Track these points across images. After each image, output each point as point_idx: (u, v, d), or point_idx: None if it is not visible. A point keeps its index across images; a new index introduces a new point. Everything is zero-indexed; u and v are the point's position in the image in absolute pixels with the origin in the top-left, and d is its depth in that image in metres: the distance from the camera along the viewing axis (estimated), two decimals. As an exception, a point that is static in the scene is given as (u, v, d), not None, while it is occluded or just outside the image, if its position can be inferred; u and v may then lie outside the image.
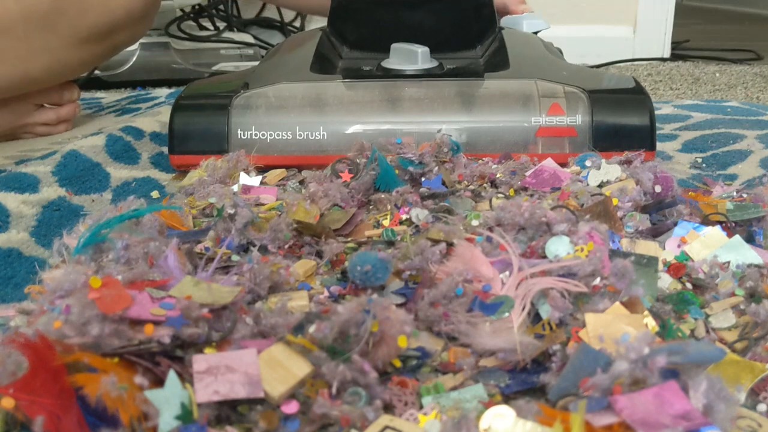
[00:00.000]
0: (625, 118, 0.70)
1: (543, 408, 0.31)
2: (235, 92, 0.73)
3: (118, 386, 0.30)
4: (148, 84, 1.42)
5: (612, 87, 0.75)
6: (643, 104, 0.70)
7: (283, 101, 0.73)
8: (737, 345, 0.39)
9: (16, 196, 0.59)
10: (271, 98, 0.73)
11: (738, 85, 1.39)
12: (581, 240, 0.43)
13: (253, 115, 0.71)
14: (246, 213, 0.50)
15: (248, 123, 0.71)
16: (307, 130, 0.71)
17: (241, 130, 0.71)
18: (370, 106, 0.73)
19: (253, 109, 0.72)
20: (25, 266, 0.51)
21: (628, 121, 0.69)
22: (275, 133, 0.71)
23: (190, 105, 0.73)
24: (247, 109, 0.72)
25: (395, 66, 0.80)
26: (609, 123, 0.69)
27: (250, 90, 0.73)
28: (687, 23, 2.20)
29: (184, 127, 0.71)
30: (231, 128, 0.71)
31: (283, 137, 0.71)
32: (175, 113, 0.72)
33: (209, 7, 1.69)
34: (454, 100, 0.73)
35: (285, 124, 0.71)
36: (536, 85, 0.72)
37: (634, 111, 0.70)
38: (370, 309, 0.36)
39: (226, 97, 0.72)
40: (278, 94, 0.73)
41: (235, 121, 0.71)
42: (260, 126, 0.71)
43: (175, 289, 0.38)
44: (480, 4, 0.87)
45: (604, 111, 0.70)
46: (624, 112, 0.70)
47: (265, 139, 0.71)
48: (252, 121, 0.71)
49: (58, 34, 0.78)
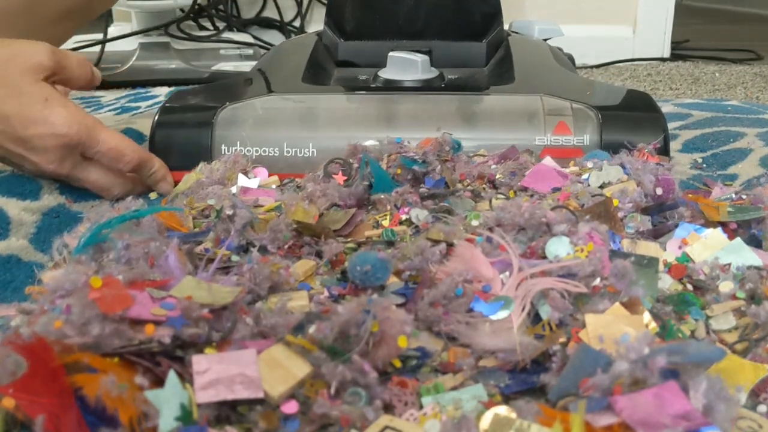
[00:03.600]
0: (637, 138, 0.64)
1: (543, 408, 0.32)
2: (221, 104, 0.69)
3: (118, 386, 0.30)
4: (147, 84, 1.42)
5: (623, 104, 0.71)
6: (657, 124, 0.66)
7: (270, 114, 0.69)
8: (737, 346, 0.40)
9: (17, 202, 0.59)
10: (258, 111, 0.69)
11: (738, 85, 1.39)
12: (581, 240, 0.43)
13: (239, 129, 0.68)
14: (245, 214, 0.50)
15: (233, 138, 0.67)
16: (296, 146, 0.67)
17: (225, 145, 0.67)
18: (365, 121, 0.69)
19: (239, 123, 0.68)
20: (24, 271, 0.51)
21: (640, 142, 0.64)
22: (261, 149, 0.67)
23: (172, 118, 0.69)
24: (233, 122, 0.68)
25: (393, 76, 0.76)
26: (619, 143, 0.63)
27: (237, 102, 0.70)
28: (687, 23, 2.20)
29: (165, 141, 0.68)
30: (214, 143, 0.67)
31: (269, 153, 0.67)
32: (157, 127, 0.68)
33: (209, 7, 1.69)
34: (454, 117, 0.69)
35: (272, 140, 0.67)
36: (542, 102, 0.68)
37: (646, 131, 0.65)
38: (370, 309, 0.36)
39: (211, 110, 0.69)
40: (266, 107, 0.70)
41: (219, 135, 0.67)
42: (245, 141, 0.67)
43: (176, 290, 0.38)
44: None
45: (614, 130, 0.65)
46: (636, 133, 0.65)
47: (251, 155, 0.67)
48: (237, 135, 0.67)
49: (40, 16, 0.78)
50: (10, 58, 0.58)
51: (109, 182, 0.62)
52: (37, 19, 0.78)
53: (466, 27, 0.87)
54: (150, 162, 0.64)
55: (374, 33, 0.86)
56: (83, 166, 0.61)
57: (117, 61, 1.41)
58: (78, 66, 0.63)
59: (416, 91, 0.74)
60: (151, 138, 0.68)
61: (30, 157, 0.58)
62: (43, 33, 0.75)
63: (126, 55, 1.42)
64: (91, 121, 0.59)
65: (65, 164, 0.59)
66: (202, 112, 0.69)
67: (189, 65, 1.45)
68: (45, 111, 0.57)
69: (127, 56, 1.42)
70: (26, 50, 0.59)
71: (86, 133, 0.58)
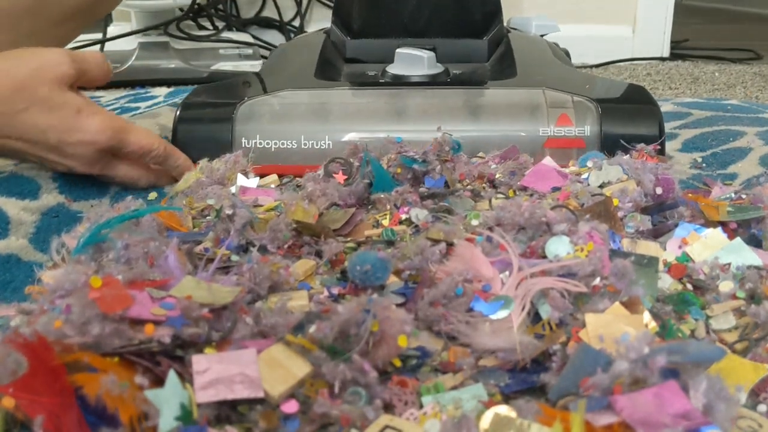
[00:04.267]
0: (634, 128, 0.68)
1: (543, 408, 0.32)
2: (240, 100, 0.72)
3: (118, 385, 0.30)
4: (147, 84, 1.42)
5: (621, 96, 0.75)
6: (653, 115, 0.69)
7: (287, 109, 0.72)
8: (737, 346, 0.40)
9: (17, 202, 0.59)
10: (275, 106, 0.72)
11: (737, 84, 1.39)
12: (581, 240, 0.43)
13: (258, 123, 0.71)
14: (245, 213, 0.50)
15: (252, 131, 0.70)
16: (312, 139, 0.70)
17: (246, 138, 0.70)
18: (375, 114, 0.72)
19: (257, 117, 0.71)
20: (23, 271, 0.51)
21: (637, 132, 0.68)
22: (280, 142, 0.70)
23: (194, 114, 0.73)
24: (252, 117, 0.71)
25: (400, 72, 0.79)
26: (618, 134, 0.68)
27: (255, 98, 0.73)
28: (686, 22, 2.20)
29: (188, 136, 0.70)
30: (235, 137, 0.70)
31: (287, 146, 0.70)
32: (179, 123, 0.71)
33: (208, 6, 1.69)
34: (461, 110, 0.72)
35: (290, 133, 0.70)
36: (544, 95, 0.72)
37: (643, 122, 0.69)
38: (370, 309, 0.36)
39: (231, 106, 0.72)
40: (283, 102, 0.73)
41: (239, 130, 0.70)
42: (264, 134, 0.70)
43: (176, 289, 0.38)
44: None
45: (613, 122, 0.69)
46: (633, 123, 0.69)
47: (270, 147, 0.70)
48: (256, 129, 0.70)
49: (44, 17, 0.78)
50: (34, 72, 0.59)
51: (137, 175, 0.66)
52: (41, 21, 0.78)
53: (467, 25, 0.89)
54: (175, 155, 0.67)
55: (380, 31, 0.89)
56: (113, 164, 0.64)
57: (116, 60, 1.41)
58: (97, 67, 0.65)
59: (424, 85, 0.77)
60: (173, 133, 0.71)
61: (65, 162, 0.62)
62: (47, 34, 0.76)
63: (125, 54, 1.42)
64: (120, 125, 0.62)
65: (97, 165, 0.63)
66: (222, 107, 0.72)
67: (188, 65, 1.45)
68: (79, 122, 0.59)
69: (126, 56, 1.42)
70: (48, 61, 0.60)
71: (118, 137, 0.61)
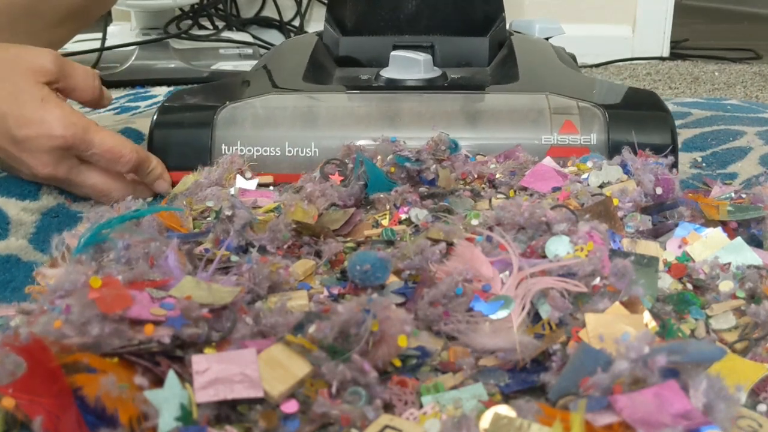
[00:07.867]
0: (645, 136, 0.63)
1: (543, 407, 0.32)
2: (222, 104, 0.68)
3: (117, 386, 0.30)
4: (147, 83, 1.41)
5: (630, 102, 0.70)
6: (664, 122, 0.65)
7: (271, 114, 0.68)
8: (737, 345, 0.40)
9: (17, 202, 0.59)
10: (258, 110, 0.68)
11: (737, 84, 1.39)
12: (581, 240, 0.43)
13: (239, 128, 0.66)
14: (244, 214, 0.50)
15: (233, 137, 0.66)
16: (297, 146, 0.65)
17: (226, 145, 0.66)
18: (367, 120, 0.67)
19: (239, 122, 0.67)
20: (23, 271, 0.51)
21: (647, 140, 0.63)
22: (262, 149, 0.65)
23: (171, 118, 0.68)
24: (233, 122, 0.67)
25: (395, 75, 0.74)
26: (627, 143, 0.62)
27: (237, 101, 0.68)
28: (686, 22, 2.20)
29: (164, 141, 0.66)
30: (215, 143, 0.66)
31: (271, 153, 0.65)
32: (156, 128, 0.67)
33: (208, 6, 1.69)
34: (458, 116, 0.68)
35: (273, 139, 0.66)
36: (548, 100, 0.67)
37: (654, 130, 0.64)
38: (370, 308, 0.36)
39: (211, 110, 0.67)
40: (267, 106, 0.68)
41: (219, 135, 0.66)
42: (246, 141, 0.66)
43: (175, 289, 0.38)
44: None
45: (621, 129, 0.64)
46: (643, 131, 0.64)
47: (252, 154, 0.66)
48: (237, 135, 0.66)
49: (41, 18, 0.78)
50: (13, 59, 0.58)
51: (108, 186, 0.61)
52: (37, 22, 0.78)
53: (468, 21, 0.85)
54: (148, 161, 0.62)
55: (375, 28, 0.85)
56: (80, 170, 0.60)
57: (116, 60, 1.41)
58: (84, 77, 0.62)
59: (419, 90, 0.73)
60: (149, 138, 0.67)
61: (26, 159, 0.57)
62: (43, 36, 0.75)
63: (125, 54, 1.42)
64: (86, 123, 0.58)
65: (61, 167, 0.58)
66: (202, 111, 0.68)
67: (188, 65, 1.45)
68: (40, 111, 0.56)
69: (126, 56, 1.42)
70: (30, 54, 0.59)
71: (81, 134, 0.57)
